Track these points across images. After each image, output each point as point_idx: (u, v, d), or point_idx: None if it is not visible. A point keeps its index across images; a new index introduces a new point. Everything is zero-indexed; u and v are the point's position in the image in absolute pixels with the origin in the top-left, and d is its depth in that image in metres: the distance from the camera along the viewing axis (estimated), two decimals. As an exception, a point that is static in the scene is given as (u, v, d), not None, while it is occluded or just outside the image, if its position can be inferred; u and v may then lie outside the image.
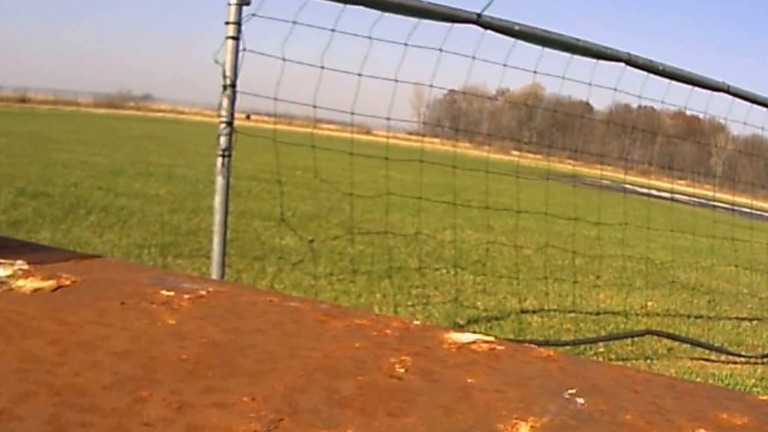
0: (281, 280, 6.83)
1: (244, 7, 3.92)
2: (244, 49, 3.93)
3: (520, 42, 4.95)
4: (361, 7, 4.32)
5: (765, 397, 1.24)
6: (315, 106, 4.47)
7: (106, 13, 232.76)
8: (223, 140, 3.94)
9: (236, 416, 0.93)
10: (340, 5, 4.28)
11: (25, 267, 1.45)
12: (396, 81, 4.87)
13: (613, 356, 5.98)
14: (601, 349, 6.10)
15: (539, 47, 5.08)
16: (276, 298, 1.50)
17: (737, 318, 8.14)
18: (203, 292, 1.45)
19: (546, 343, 5.74)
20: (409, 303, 6.70)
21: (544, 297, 7.57)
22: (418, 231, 10.11)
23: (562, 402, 1.10)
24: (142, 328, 1.19)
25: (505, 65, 5.22)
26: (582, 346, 6.03)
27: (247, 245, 8.24)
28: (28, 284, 1.35)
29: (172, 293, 1.41)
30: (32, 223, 8.07)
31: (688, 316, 7.86)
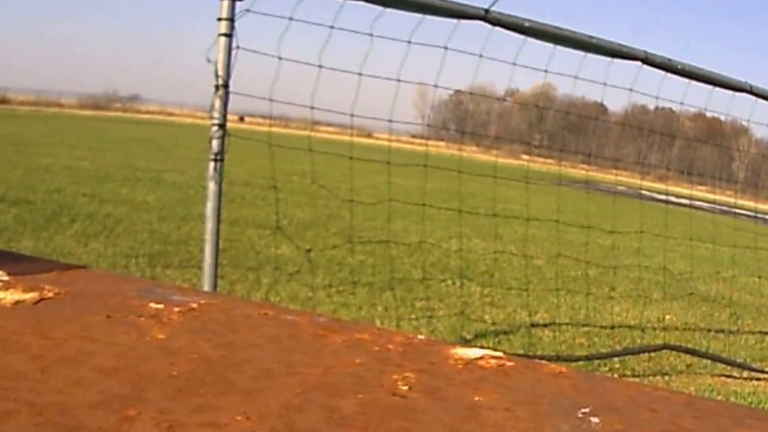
0: (277, 291, 6.83)
1: (238, 3, 3.93)
2: (238, 47, 3.93)
3: (530, 39, 4.96)
4: (362, 2, 4.33)
5: (791, 417, 1.24)
6: (312, 108, 4.47)
7: (91, 9, 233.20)
8: (215, 144, 3.95)
9: (229, 436, 0.93)
10: (340, 0, 4.29)
11: (6, 278, 1.45)
12: (399, 81, 4.88)
13: (628, 372, 5.97)
14: (617, 365, 6.10)
15: (551, 45, 5.08)
16: (271, 311, 1.50)
17: (761, 332, 8.13)
18: (194, 305, 1.45)
19: (558, 359, 5.73)
20: (413, 316, 6.69)
21: (556, 310, 7.56)
22: (422, 240, 10.11)
23: (575, 421, 1.10)
24: (129, 343, 1.19)
25: (514, 64, 5.23)
26: (596, 362, 6.02)
27: (240, 255, 8.24)
28: (8, 296, 1.35)
29: (161, 306, 1.41)
30: (13, 231, 8.07)
31: (709, 330, 7.84)
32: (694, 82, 5.82)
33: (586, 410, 1.14)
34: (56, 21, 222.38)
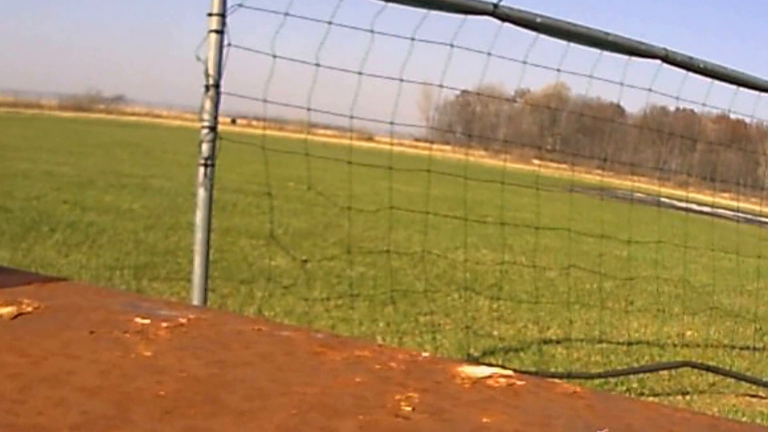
0: (271, 306, 6.83)
1: (230, -3, 3.93)
2: (230, 44, 3.94)
3: (542, 36, 4.96)
4: (362, -2, 4.33)
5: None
6: (309, 109, 4.47)
7: (74, 3, 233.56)
8: (205, 147, 3.95)
9: (220, 461, 0.93)
10: (338, -5, 4.29)
11: (-18, 291, 1.45)
12: (401, 80, 4.88)
13: (647, 392, 5.96)
14: (634, 384, 6.09)
15: (564, 42, 5.09)
16: (265, 326, 1.50)
17: (789, 349, 8.12)
18: (183, 320, 1.45)
19: (571, 377, 5.72)
20: (417, 332, 6.69)
21: (569, 325, 7.56)
22: (426, 250, 10.11)
23: (590, 445, 1.09)
24: (113, 361, 1.19)
25: (525, 63, 5.23)
26: (612, 381, 6.01)
27: (232, 266, 8.25)
28: (-16, 311, 1.35)
29: (147, 321, 1.41)
30: (-11, 241, 8.09)
31: (732, 347, 7.83)
32: (717, 82, 5.82)
33: (602, 433, 1.14)
34: (35, 16, 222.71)
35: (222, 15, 3.91)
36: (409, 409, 1.14)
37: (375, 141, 64.67)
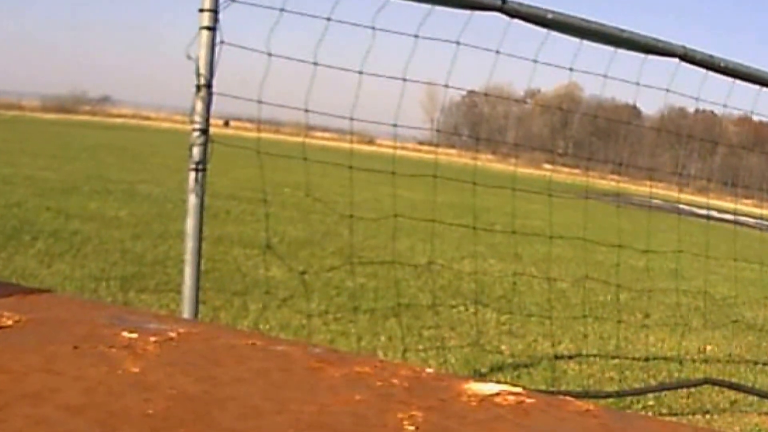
0: (267, 319, 6.82)
1: (223, -8, 3.94)
2: (222, 42, 3.94)
3: (553, 33, 4.96)
4: (363, -7, 4.34)
5: None
6: (307, 111, 4.47)
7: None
8: (196, 151, 3.95)
9: (212, 483, 0.93)
10: (337, -10, 4.30)
11: (-40, 303, 1.45)
12: (404, 80, 4.89)
13: (665, 410, 5.95)
14: (651, 402, 6.08)
15: (577, 39, 5.09)
16: (260, 340, 1.50)
17: (816, 365, 8.10)
18: (173, 334, 1.45)
19: (584, 395, 5.72)
20: (421, 347, 6.68)
21: (582, 339, 7.55)
22: (430, 260, 10.11)
23: (604, 467, 1.09)
24: (99, 378, 1.19)
25: (535, 61, 5.24)
26: (627, 399, 6.00)
27: (225, 277, 8.24)
28: (-38, 324, 1.35)
29: (135, 335, 1.41)
30: (-33, 250, 8.08)
31: (755, 363, 7.83)
32: (739, 82, 5.81)
33: (617, 454, 1.14)
34: (16, 12, 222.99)
35: (214, 11, 3.91)
36: (412, 428, 1.14)
37: (376, 144, 64.80)
